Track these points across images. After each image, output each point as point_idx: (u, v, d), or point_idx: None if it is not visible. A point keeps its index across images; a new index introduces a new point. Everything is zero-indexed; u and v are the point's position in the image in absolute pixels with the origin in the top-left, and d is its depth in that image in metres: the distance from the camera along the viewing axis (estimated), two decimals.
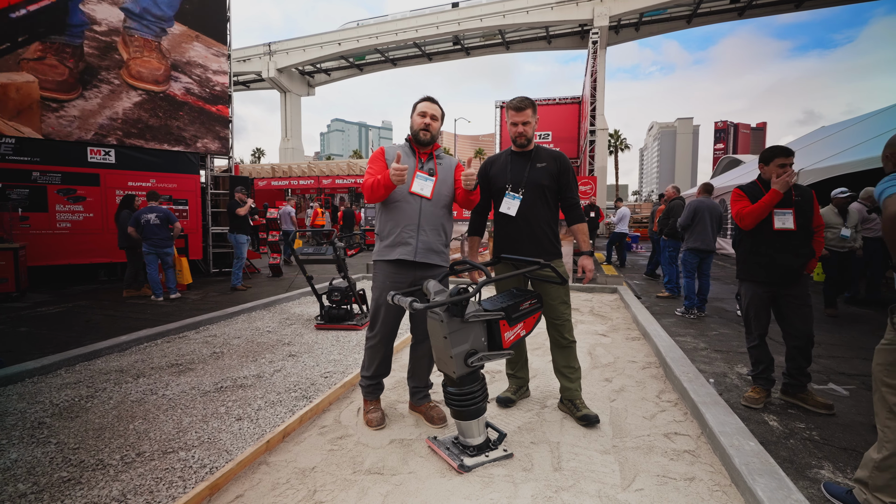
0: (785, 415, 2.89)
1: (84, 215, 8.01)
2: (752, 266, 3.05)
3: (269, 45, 37.41)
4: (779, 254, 2.92)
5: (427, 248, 2.52)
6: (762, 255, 2.98)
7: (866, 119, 10.01)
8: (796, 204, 2.91)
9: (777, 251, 2.92)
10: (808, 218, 2.93)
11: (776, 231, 2.92)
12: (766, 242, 2.97)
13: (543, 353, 3.91)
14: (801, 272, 2.92)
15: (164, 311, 5.86)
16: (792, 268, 2.89)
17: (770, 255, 2.95)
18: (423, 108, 2.56)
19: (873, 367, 1.94)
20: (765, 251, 2.97)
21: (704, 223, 5.60)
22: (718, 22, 29.67)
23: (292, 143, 41.12)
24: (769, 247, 2.96)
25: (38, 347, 4.14)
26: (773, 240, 2.94)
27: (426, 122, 2.54)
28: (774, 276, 2.94)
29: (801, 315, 2.92)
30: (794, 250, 2.90)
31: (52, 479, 2.12)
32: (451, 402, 2.20)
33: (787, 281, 2.92)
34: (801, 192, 2.96)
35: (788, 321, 2.97)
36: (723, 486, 2.04)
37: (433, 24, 32.21)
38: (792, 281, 2.92)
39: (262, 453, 2.31)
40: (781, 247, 2.91)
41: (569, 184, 2.71)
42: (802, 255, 2.90)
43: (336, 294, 4.98)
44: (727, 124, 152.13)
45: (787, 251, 2.90)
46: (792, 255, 2.89)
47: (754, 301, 3.06)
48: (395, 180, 2.34)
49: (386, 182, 2.37)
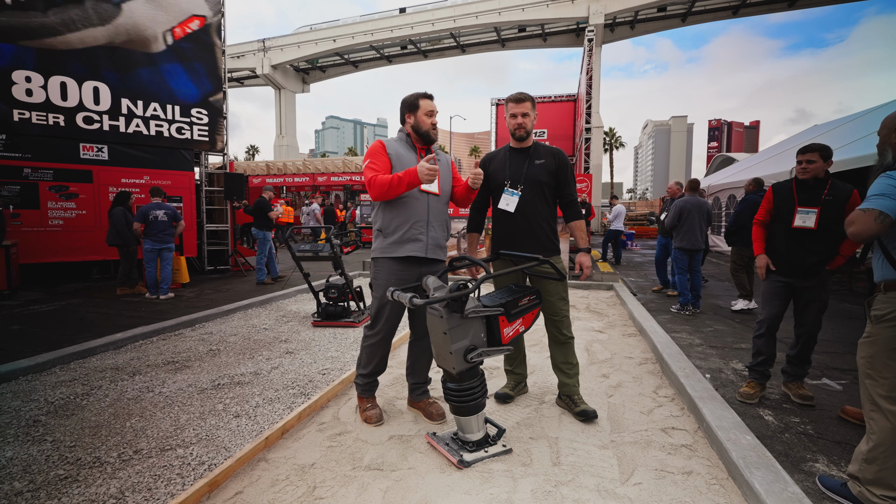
0: (780, 409, 2.92)
1: (77, 212, 7.92)
2: (770, 256, 3.06)
3: (263, 41, 37.18)
4: (792, 251, 2.92)
5: (436, 245, 2.53)
6: (776, 250, 3.01)
7: (858, 118, 10.10)
8: (825, 203, 2.83)
9: (792, 249, 2.92)
10: (837, 217, 2.78)
11: (794, 229, 2.91)
12: (781, 239, 2.98)
13: (541, 350, 3.92)
14: (820, 268, 2.87)
15: (159, 308, 5.82)
16: (805, 264, 2.88)
17: (783, 251, 2.95)
18: (429, 106, 2.54)
19: (857, 361, 1.99)
20: (779, 247, 2.99)
21: (692, 222, 5.62)
22: (713, 20, 29.82)
23: (287, 141, 40.91)
24: (783, 244, 2.96)
25: (31, 345, 4.10)
26: (789, 237, 2.94)
27: (434, 122, 2.55)
28: (788, 269, 2.95)
29: (811, 311, 2.95)
30: (811, 248, 2.87)
31: (49, 477, 2.10)
32: (451, 398, 2.21)
33: (803, 274, 2.92)
34: (836, 191, 2.83)
35: (798, 312, 3.02)
36: (720, 479, 2.06)
37: (429, 20, 32.14)
38: (809, 274, 2.91)
39: (261, 450, 2.30)
40: (796, 244, 2.91)
41: (567, 180, 2.71)
42: (820, 253, 2.86)
43: (333, 291, 4.97)
44: (721, 122, 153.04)
45: (803, 249, 2.89)
46: (807, 253, 2.88)
47: (768, 287, 3.08)
48: (426, 180, 2.30)
49: (411, 180, 2.33)
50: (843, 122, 10.75)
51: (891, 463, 1.82)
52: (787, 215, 2.97)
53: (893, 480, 1.82)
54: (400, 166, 2.47)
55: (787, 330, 3.20)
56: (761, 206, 3.20)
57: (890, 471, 1.82)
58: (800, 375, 3.06)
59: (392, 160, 2.49)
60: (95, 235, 8.00)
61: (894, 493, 1.81)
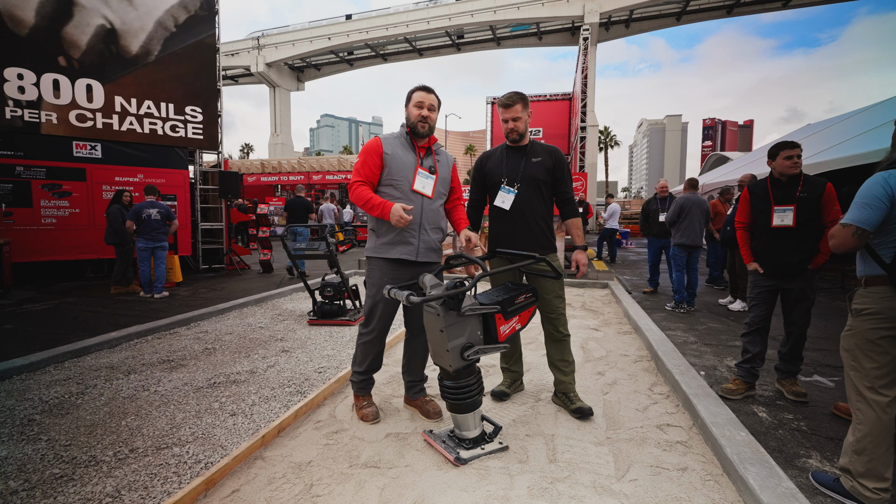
0: (774, 406, 2.95)
1: (70, 211, 7.86)
2: (758, 259, 3.09)
3: (257, 39, 36.97)
4: (775, 251, 2.95)
5: (428, 248, 2.51)
6: (756, 252, 3.06)
7: (851, 117, 10.18)
8: (799, 200, 2.86)
9: (773, 248, 2.96)
10: (814, 214, 2.85)
11: (774, 228, 2.94)
12: (763, 239, 3.01)
13: (537, 348, 3.94)
14: (802, 268, 2.90)
15: (154, 307, 5.79)
16: (789, 264, 2.90)
17: (766, 251, 2.99)
18: (419, 98, 2.46)
19: (840, 354, 2.05)
20: (759, 247, 3.03)
21: (692, 219, 5.66)
22: (707, 20, 29.98)
23: (282, 139, 40.75)
24: (765, 244, 2.99)
25: (25, 345, 4.07)
26: (771, 237, 2.97)
27: (423, 114, 2.45)
28: (771, 270, 2.98)
29: (799, 309, 2.99)
30: (793, 247, 2.89)
31: (44, 476, 2.09)
32: (448, 396, 2.21)
33: (787, 275, 2.95)
34: (809, 187, 2.86)
35: (787, 311, 3.06)
36: (715, 475, 2.08)
37: (424, 18, 32.08)
38: (792, 275, 2.93)
39: (258, 448, 2.30)
40: (778, 244, 2.94)
41: (563, 178, 2.72)
42: (802, 252, 2.88)
43: (329, 289, 4.96)
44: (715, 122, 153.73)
45: (784, 248, 2.91)
46: (789, 252, 2.90)
47: (754, 290, 3.12)
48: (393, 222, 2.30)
49: (383, 212, 2.33)
50: (836, 121, 10.83)
51: (879, 452, 1.86)
52: (764, 216, 3.00)
53: (884, 470, 1.86)
54: (395, 167, 2.44)
55: (779, 327, 3.23)
56: (740, 209, 3.21)
57: (879, 461, 1.86)
58: (792, 372, 3.10)
59: (386, 161, 2.45)
60: (89, 234, 7.95)
61: (885, 483, 1.85)
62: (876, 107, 9.55)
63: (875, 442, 1.87)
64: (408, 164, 2.47)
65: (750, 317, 3.14)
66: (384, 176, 2.47)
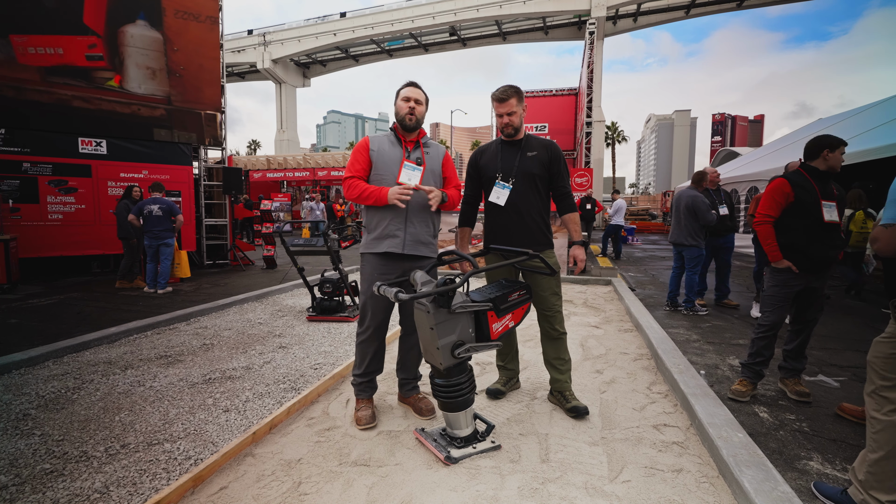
0: (775, 406, 2.89)
1: (76, 206, 7.92)
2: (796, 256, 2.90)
3: (263, 35, 37.01)
4: (821, 247, 2.85)
5: (415, 240, 2.49)
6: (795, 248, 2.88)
7: (862, 112, 9.99)
8: (837, 198, 2.90)
9: (820, 245, 2.85)
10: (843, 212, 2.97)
11: (826, 224, 2.85)
12: (807, 235, 2.86)
13: (535, 345, 3.90)
14: (834, 261, 2.92)
15: (156, 302, 5.82)
16: (828, 259, 2.86)
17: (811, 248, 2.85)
18: (406, 93, 2.53)
19: (869, 359, 1.89)
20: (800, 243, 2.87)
21: (677, 216, 5.38)
22: (716, 13, 29.49)
23: (288, 135, 40.86)
24: (812, 240, 2.86)
25: (28, 339, 4.10)
26: (823, 233, 2.85)
27: (410, 107, 2.50)
28: (811, 266, 2.87)
29: (816, 305, 2.97)
30: (835, 243, 2.87)
31: (35, 471, 2.09)
32: (439, 394, 2.19)
33: (822, 271, 2.90)
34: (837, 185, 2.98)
35: (802, 309, 3.00)
36: (710, 477, 2.03)
37: (429, 14, 31.90)
38: (825, 270, 2.91)
39: (248, 445, 2.29)
40: (829, 239, 2.86)
41: (560, 173, 2.67)
42: (839, 247, 2.90)
43: (328, 286, 4.95)
44: (725, 117, 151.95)
45: (829, 244, 2.85)
46: (832, 248, 2.85)
47: (783, 290, 2.95)
48: (393, 201, 2.34)
49: (379, 197, 2.38)
50: (848, 115, 10.63)
51: None
52: (815, 209, 2.84)
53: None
54: (381, 163, 2.49)
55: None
56: (772, 200, 2.94)
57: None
58: (798, 370, 3.02)
59: (373, 157, 2.50)
60: (95, 229, 8.01)
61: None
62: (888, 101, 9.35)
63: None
64: (394, 158, 2.50)
65: (771, 319, 2.97)
66: (371, 172, 2.51)
